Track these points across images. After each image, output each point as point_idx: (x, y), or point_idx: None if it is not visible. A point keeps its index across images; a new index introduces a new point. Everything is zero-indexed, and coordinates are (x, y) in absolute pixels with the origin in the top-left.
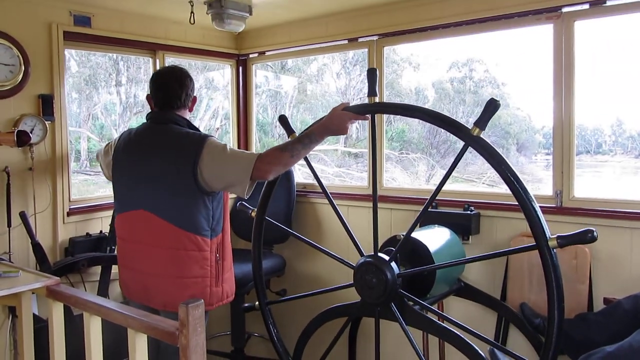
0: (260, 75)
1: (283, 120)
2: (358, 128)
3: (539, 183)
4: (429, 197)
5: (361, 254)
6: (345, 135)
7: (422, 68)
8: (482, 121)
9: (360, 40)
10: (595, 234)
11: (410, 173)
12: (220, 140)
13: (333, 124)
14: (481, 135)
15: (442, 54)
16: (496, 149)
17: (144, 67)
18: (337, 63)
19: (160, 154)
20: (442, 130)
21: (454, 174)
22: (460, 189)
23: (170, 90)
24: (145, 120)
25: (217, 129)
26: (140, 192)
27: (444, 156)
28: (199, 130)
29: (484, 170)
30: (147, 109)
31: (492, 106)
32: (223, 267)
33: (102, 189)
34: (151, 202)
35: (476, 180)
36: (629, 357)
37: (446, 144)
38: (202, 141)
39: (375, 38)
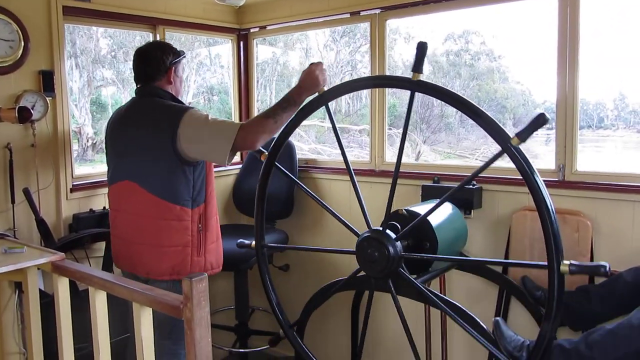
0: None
1: None
2: (349, 103)
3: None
4: (429, 173)
5: (369, 227)
6: (320, 93)
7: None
8: (525, 132)
9: (362, 14)
10: (607, 269)
11: (396, 149)
12: (202, 111)
13: (306, 81)
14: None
15: (437, 26)
16: (497, 122)
17: None
18: (325, 34)
19: (142, 126)
20: (437, 105)
21: (446, 150)
22: (462, 163)
23: (139, 64)
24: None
25: (189, 103)
26: (126, 164)
27: (434, 132)
28: (183, 104)
29: (477, 146)
30: None
31: (539, 121)
32: (206, 237)
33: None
34: (134, 172)
35: (469, 156)
36: (629, 334)
37: (438, 119)
38: (182, 112)
39: (377, 11)
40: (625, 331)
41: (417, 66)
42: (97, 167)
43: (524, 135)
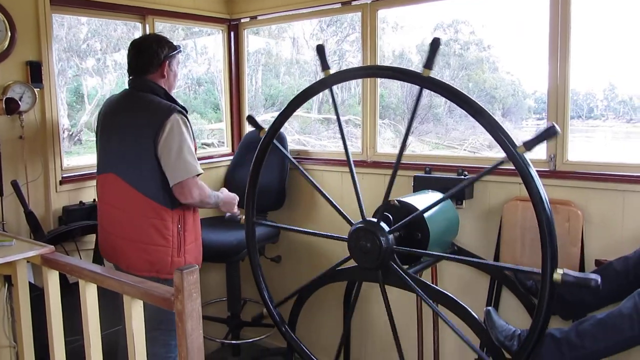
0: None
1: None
2: (337, 93)
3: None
4: (421, 163)
5: (363, 218)
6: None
7: (406, 30)
8: (532, 142)
9: (353, 3)
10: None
11: (383, 139)
12: (185, 124)
13: (225, 200)
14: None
15: (426, 15)
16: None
17: None
18: (312, 23)
19: (129, 120)
20: (425, 95)
21: (434, 140)
22: (452, 154)
23: (133, 55)
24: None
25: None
26: (112, 156)
27: (422, 122)
28: (175, 102)
29: (466, 136)
30: None
31: (548, 133)
32: (185, 238)
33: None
34: (119, 166)
35: (457, 147)
36: (619, 323)
37: (426, 109)
38: (167, 114)
39: (368, 1)
40: (615, 320)
41: (429, 63)
42: (72, 159)
43: (530, 144)
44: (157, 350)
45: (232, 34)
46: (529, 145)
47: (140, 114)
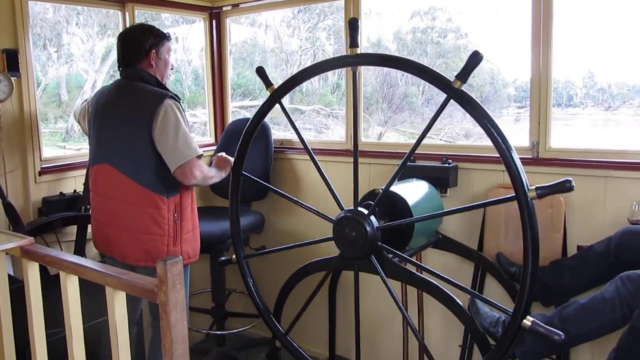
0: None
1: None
2: (312, 82)
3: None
4: (406, 152)
5: (341, 209)
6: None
7: (383, 17)
8: (463, 73)
9: None
10: (572, 183)
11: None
12: (179, 109)
13: (221, 166)
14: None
15: (403, 2)
16: (478, 101)
17: None
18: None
19: (122, 110)
20: (401, 84)
21: (410, 130)
22: (436, 143)
23: (120, 47)
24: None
25: None
26: (106, 146)
27: (396, 111)
28: (167, 90)
29: (442, 125)
30: None
31: (474, 59)
32: (182, 227)
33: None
34: (113, 156)
35: (434, 136)
36: (602, 307)
37: (400, 99)
38: (159, 102)
39: None
40: (597, 305)
41: (464, 76)
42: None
43: (463, 76)
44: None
45: (213, 22)
46: (462, 77)
47: (132, 102)
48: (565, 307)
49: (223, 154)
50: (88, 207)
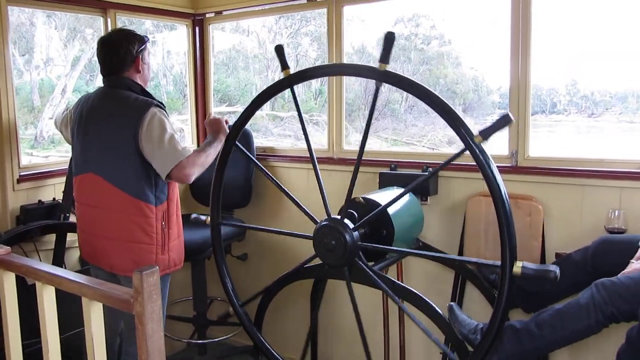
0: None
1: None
2: (296, 87)
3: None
4: (387, 160)
5: (329, 216)
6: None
7: (366, 24)
8: (488, 131)
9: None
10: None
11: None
12: (165, 115)
13: (215, 130)
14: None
15: (386, 9)
16: (452, 107)
17: None
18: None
19: (108, 119)
20: (383, 90)
21: (393, 136)
22: (418, 151)
23: (105, 55)
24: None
25: None
26: (91, 155)
27: (378, 118)
28: (152, 97)
29: (425, 132)
30: None
31: (503, 121)
32: (169, 235)
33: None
34: (99, 165)
35: (416, 143)
36: (577, 313)
37: (382, 105)
38: (144, 110)
39: None
40: (573, 310)
41: (385, 57)
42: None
43: (486, 133)
44: (134, 350)
45: (197, 29)
46: (485, 134)
47: (118, 111)
48: (541, 313)
49: (212, 115)
50: (67, 215)
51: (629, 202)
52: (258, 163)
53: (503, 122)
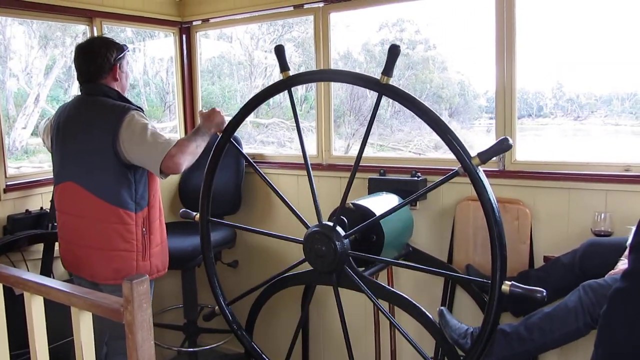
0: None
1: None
2: (281, 95)
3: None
4: (379, 165)
5: (320, 222)
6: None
7: (351, 29)
8: (486, 154)
9: (306, 7)
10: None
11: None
12: (144, 117)
13: (211, 120)
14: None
15: (371, 14)
16: (438, 115)
17: None
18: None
19: (85, 127)
20: (369, 96)
21: (379, 142)
22: (406, 156)
23: (82, 62)
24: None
25: None
26: (70, 164)
27: (363, 124)
28: (130, 102)
29: (411, 137)
30: None
31: (502, 146)
32: (150, 241)
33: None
34: (78, 174)
35: (403, 148)
36: (565, 316)
37: (368, 111)
38: (122, 114)
39: (321, 5)
40: (561, 313)
41: (388, 70)
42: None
43: (485, 156)
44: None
45: (184, 37)
46: (484, 157)
47: (95, 118)
48: (530, 317)
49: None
50: (55, 224)
51: (615, 204)
52: (253, 163)
53: (502, 146)
